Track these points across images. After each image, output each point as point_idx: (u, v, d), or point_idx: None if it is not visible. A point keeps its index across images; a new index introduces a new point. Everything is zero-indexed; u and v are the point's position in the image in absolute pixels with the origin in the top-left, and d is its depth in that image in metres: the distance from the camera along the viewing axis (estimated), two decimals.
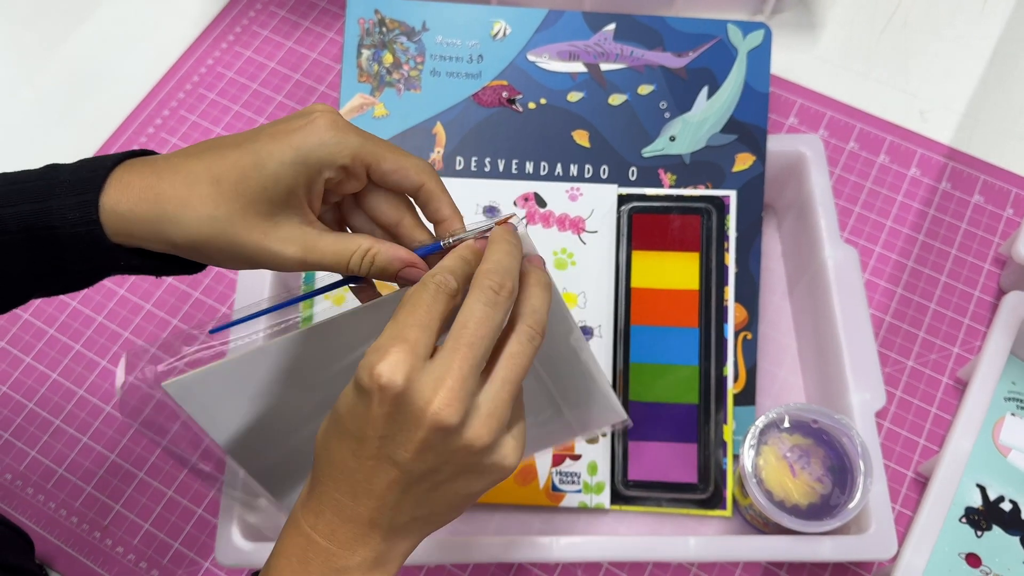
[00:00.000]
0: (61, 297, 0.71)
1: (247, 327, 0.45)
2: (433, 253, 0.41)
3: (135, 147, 0.78)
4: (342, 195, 0.42)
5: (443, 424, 0.34)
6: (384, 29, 0.65)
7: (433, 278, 0.36)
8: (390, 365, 0.33)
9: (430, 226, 0.42)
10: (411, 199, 0.42)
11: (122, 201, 0.37)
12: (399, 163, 0.40)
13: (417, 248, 0.41)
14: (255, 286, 0.62)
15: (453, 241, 0.41)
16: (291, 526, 0.37)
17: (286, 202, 0.38)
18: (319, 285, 0.44)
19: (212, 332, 0.47)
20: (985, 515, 0.60)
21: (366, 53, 0.65)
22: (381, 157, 0.40)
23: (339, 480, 0.36)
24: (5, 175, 0.40)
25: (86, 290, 0.72)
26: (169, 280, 0.72)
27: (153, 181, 0.37)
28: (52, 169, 0.39)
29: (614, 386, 0.61)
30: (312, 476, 0.37)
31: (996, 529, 0.60)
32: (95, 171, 0.38)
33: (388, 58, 0.65)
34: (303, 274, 0.62)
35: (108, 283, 0.72)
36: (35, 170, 0.40)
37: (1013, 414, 0.63)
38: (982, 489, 0.61)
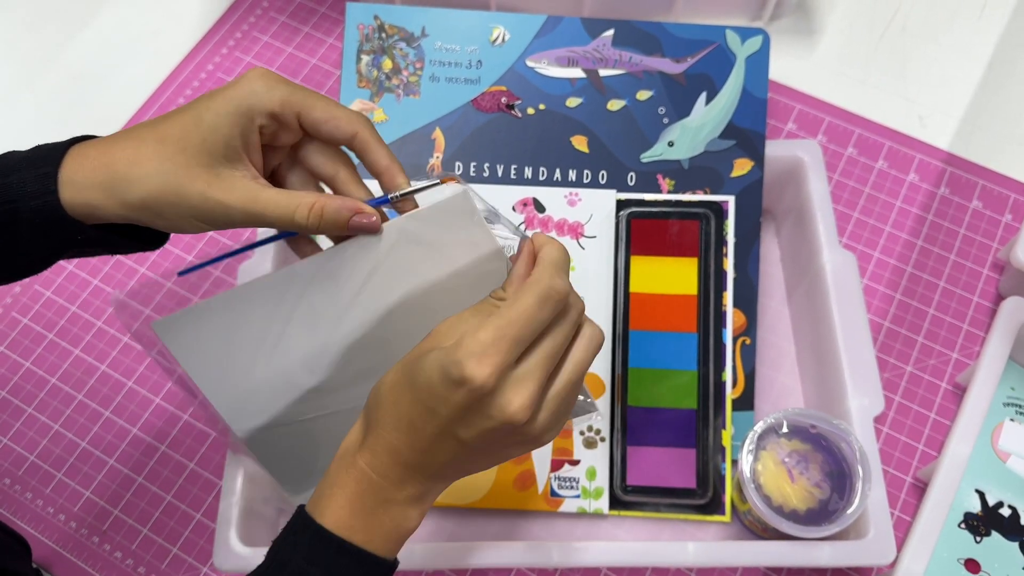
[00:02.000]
0: (61, 300, 0.72)
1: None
2: (381, 206, 0.42)
3: None
4: (279, 147, 0.43)
5: (515, 423, 0.38)
6: (383, 35, 0.66)
7: (550, 280, 0.38)
8: (486, 371, 0.36)
9: (373, 185, 0.44)
10: (349, 152, 0.44)
11: (78, 171, 0.40)
12: (330, 112, 0.42)
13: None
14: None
15: (401, 195, 0.42)
16: (346, 462, 0.41)
17: (225, 154, 0.40)
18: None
19: (180, 274, 0.49)
20: (984, 521, 0.60)
21: (365, 59, 0.65)
22: (311, 106, 0.41)
23: (402, 432, 0.39)
24: None
25: (86, 295, 0.72)
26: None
27: (105, 150, 0.40)
28: (9, 153, 0.42)
29: (612, 391, 0.61)
30: (371, 420, 0.40)
31: (995, 535, 0.60)
32: (52, 150, 0.41)
33: (387, 64, 0.65)
34: None
35: (108, 290, 0.72)
36: None
37: (1012, 419, 0.63)
38: (981, 495, 0.61)
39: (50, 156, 0.40)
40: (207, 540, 0.63)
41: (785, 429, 0.57)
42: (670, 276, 0.62)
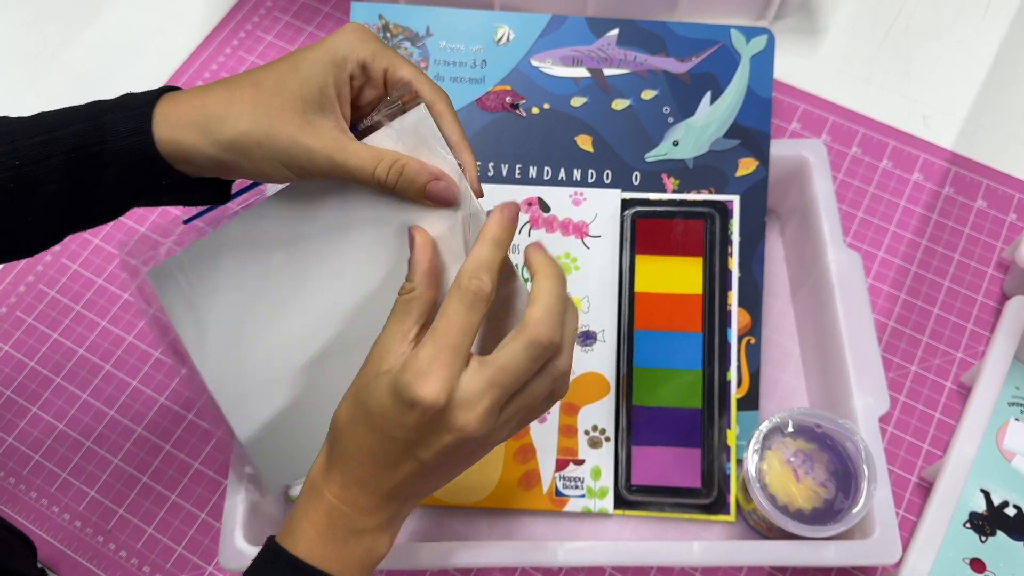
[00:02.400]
0: (65, 300, 0.72)
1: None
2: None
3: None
4: (364, 105, 0.44)
5: (472, 437, 0.39)
6: (388, 34, 0.66)
7: (469, 283, 0.39)
8: (433, 390, 0.37)
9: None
10: None
11: (172, 112, 0.41)
12: (416, 76, 0.43)
13: None
14: None
15: (367, 126, 0.43)
16: (313, 495, 0.41)
17: (319, 102, 0.41)
18: None
19: (186, 222, 0.49)
20: (989, 520, 0.60)
21: None
22: (400, 64, 0.43)
23: (365, 463, 0.40)
24: (49, 112, 0.43)
25: (91, 294, 0.72)
26: None
27: (199, 94, 0.42)
28: (95, 101, 0.44)
29: (617, 391, 0.61)
30: (333, 451, 0.41)
31: (1000, 534, 0.60)
32: (145, 95, 0.43)
33: None
34: None
35: (112, 289, 0.72)
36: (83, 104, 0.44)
37: (1017, 419, 0.63)
38: (986, 494, 0.61)
39: (144, 98, 0.42)
40: (212, 539, 0.63)
41: (790, 429, 0.57)
42: (675, 275, 0.62)
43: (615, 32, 0.65)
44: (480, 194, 0.44)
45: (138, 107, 0.42)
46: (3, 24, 0.85)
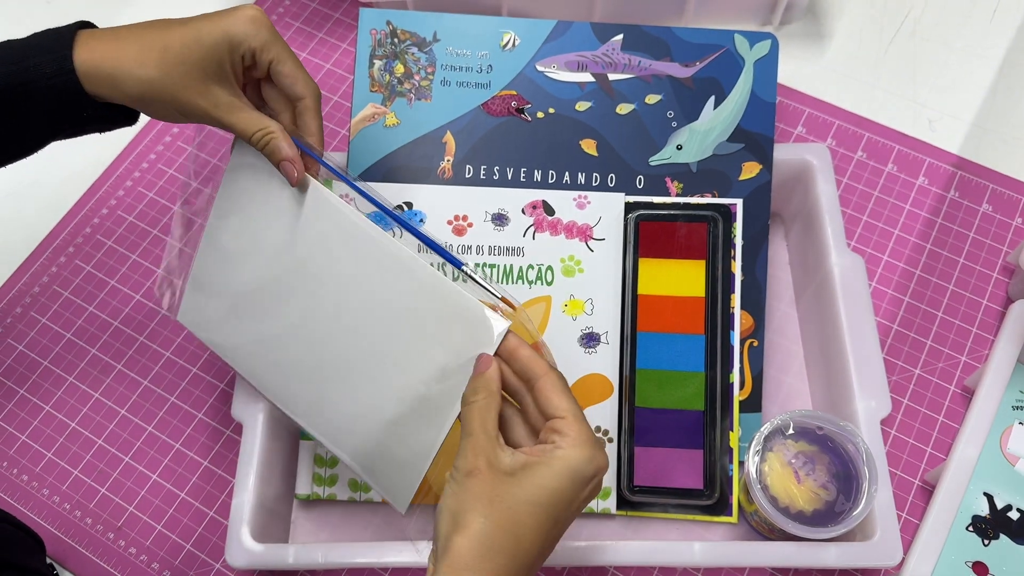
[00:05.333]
0: (79, 300, 0.73)
1: None
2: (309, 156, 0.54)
3: (151, 155, 0.80)
4: (251, 79, 0.53)
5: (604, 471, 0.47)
6: (396, 40, 0.66)
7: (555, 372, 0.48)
8: (605, 455, 0.46)
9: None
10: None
11: (88, 60, 0.48)
12: (294, 72, 0.52)
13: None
14: None
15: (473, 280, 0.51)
16: None
17: (217, 74, 0.50)
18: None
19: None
20: (992, 524, 0.60)
21: (378, 63, 0.66)
22: (283, 59, 0.51)
23: (519, 556, 0.42)
24: None
25: (103, 295, 0.73)
26: None
27: (114, 45, 0.49)
28: (7, 40, 0.50)
29: (620, 392, 0.61)
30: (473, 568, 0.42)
31: (1003, 538, 0.60)
32: (61, 35, 0.49)
33: (399, 68, 0.66)
34: None
35: (124, 291, 0.73)
36: None
37: (1021, 423, 0.63)
38: (989, 498, 0.61)
39: (62, 41, 0.49)
40: (220, 537, 0.64)
41: (791, 431, 0.58)
42: (678, 278, 0.62)
43: (620, 37, 0.66)
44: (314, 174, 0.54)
45: (58, 50, 0.48)
46: (24, 31, 0.86)
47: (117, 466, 0.67)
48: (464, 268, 0.51)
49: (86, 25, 0.52)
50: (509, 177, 0.65)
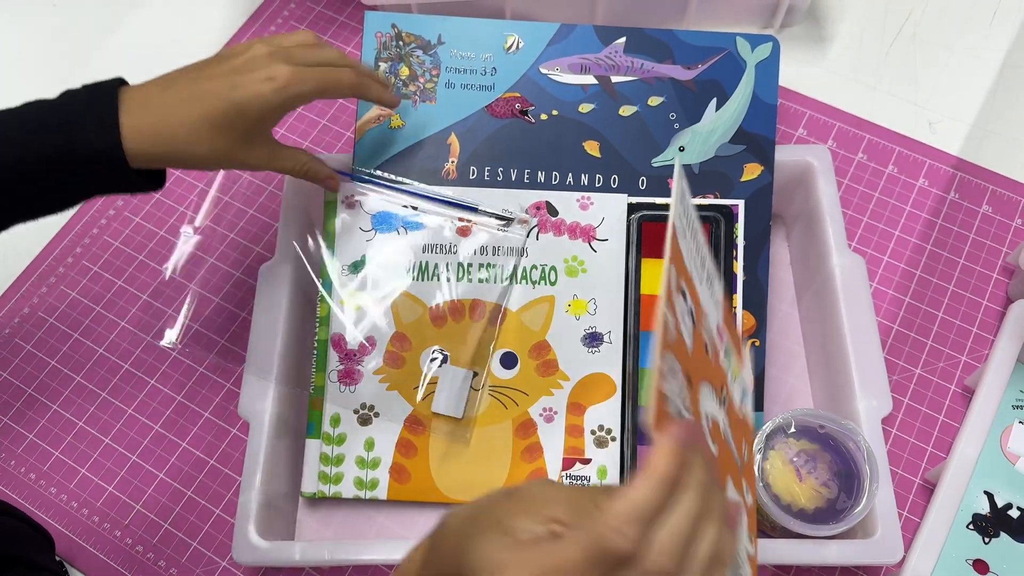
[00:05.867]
0: (87, 300, 0.73)
1: None
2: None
3: None
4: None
5: None
6: (401, 43, 0.67)
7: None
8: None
9: None
10: None
11: (136, 139, 0.50)
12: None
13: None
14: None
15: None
16: None
17: (258, 132, 0.55)
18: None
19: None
20: (993, 522, 0.61)
21: (383, 66, 0.67)
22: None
23: None
24: (7, 111, 0.51)
25: (111, 295, 0.74)
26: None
27: (160, 120, 0.51)
28: (38, 101, 0.52)
29: (623, 391, 0.62)
30: None
31: (1004, 536, 0.60)
32: (104, 104, 0.51)
33: (404, 71, 0.67)
34: (320, 281, 0.64)
35: (131, 290, 0.74)
36: (39, 107, 0.52)
37: (1021, 422, 0.64)
38: (990, 496, 0.61)
39: (106, 110, 0.51)
40: (226, 535, 0.65)
41: (793, 429, 0.58)
42: None
43: (622, 40, 0.66)
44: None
45: (107, 126, 0.50)
46: (30, 34, 0.87)
47: (124, 464, 0.68)
48: (480, 208, 0.61)
49: (121, 81, 0.54)
50: (513, 178, 0.65)
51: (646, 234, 0.63)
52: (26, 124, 0.50)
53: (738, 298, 0.62)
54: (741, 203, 0.62)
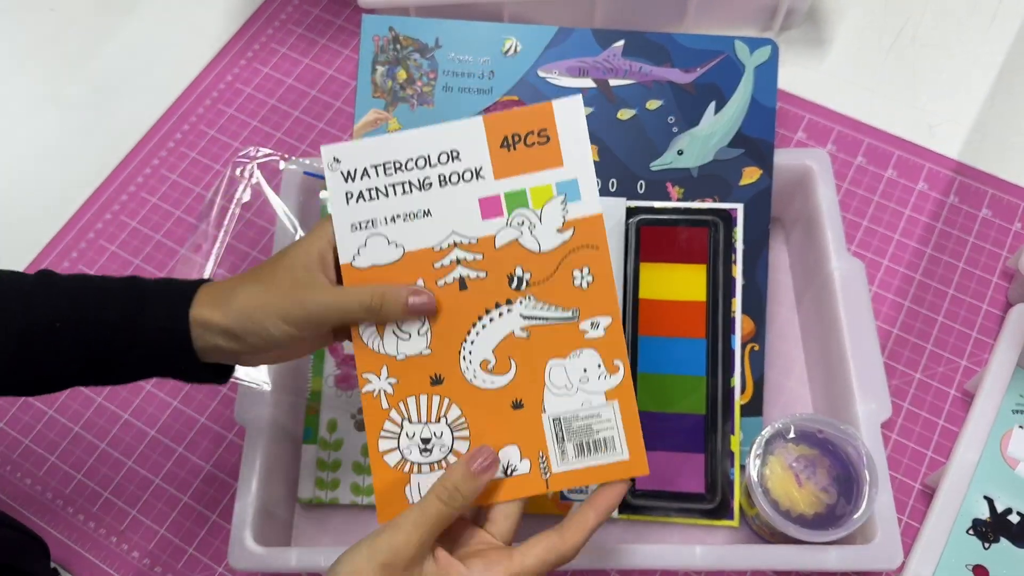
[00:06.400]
0: None
1: None
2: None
3: (155, 160, 0.80)
4: None
5: None
6: (398, 46, 0.67)
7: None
8: None
9: None
10: None
11: (208, 339, 0.47)
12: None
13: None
14: None
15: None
16: None
17: (323, 281, 0.48)
18: None
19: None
20: (993, 527, 0.60)
21: (380, 69, 0.67)
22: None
23: None
24: (87, 282, 0.49)
25: None
26: None
27: (234, 325, 0.47)
28: (130, 284, 0.49)
29: None
30: None
31: (1004, 541, 0.60)
32: (181, 295, 0.48)
33: (402, 74, 0.66)
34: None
35: None
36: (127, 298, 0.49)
37: (1021, 427, 0.63)
38: (989, 501, 0.61)
39: (182, 305, 0.48)
40: (222, 540, 0.64)
41: (792, 434, 0.58)
42: (679, 283, 0.62)
43: (621, 44, 0.66)
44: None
45: (177, 304, 0.48)
46: (27, 39, 0.87)
47: (120, 470, 0.67)
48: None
49: (203, 282, 0.50)
50: None
51: (645, 238, 0.63)
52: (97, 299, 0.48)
53: (737, 302, 0.61)
54: (740, 207, 0.62)
